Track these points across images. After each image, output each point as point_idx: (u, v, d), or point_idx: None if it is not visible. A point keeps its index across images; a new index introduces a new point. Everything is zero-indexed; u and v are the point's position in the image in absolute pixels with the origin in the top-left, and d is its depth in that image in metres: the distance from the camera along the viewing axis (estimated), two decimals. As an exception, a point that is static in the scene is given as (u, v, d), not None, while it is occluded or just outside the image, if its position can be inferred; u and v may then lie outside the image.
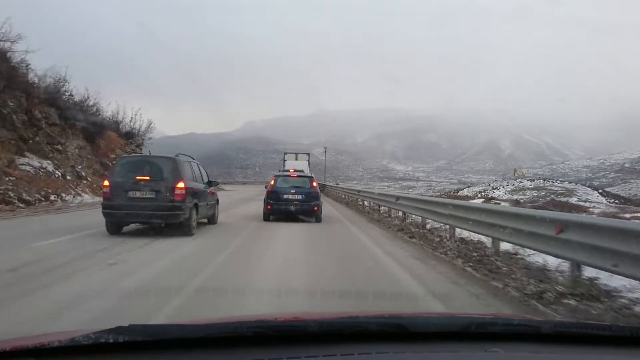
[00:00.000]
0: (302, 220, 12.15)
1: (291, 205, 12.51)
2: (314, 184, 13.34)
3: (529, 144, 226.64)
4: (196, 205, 9.71)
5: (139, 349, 1.28)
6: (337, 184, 48.34)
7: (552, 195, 45.23)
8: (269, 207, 12.57)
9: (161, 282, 5.11)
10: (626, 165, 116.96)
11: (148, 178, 9.14)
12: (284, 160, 37.09)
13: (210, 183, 11.41)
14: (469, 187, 65.56)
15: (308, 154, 38.48)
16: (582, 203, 40.93)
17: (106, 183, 9.39)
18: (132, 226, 9.55)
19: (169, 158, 9.76)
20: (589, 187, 57.50)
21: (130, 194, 9.02)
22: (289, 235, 9.82)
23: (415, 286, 5.19)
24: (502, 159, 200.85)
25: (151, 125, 37.03)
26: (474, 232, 7.76)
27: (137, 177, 9.15)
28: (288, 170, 15.44)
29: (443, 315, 2.14)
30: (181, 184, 9.17)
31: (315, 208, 12.58)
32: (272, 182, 13.14)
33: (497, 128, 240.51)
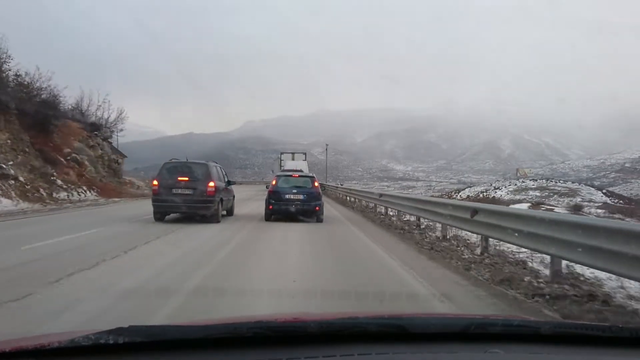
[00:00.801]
0: (303, 220, 12.19)
1: (293, 205, 12.53)
2: (316, 184, 13.31)
3: (528, 144, 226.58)
4: (221, 200, 12.29)
5: (139, 349, 1.28)
6: (341, 185, 41.81)
7: (555, 196, 44.63)
8: (270, 207, 12.61)
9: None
10: (627, 165, 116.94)
11: (187, 179, 11.72)
12: (281, 160, 36.74)
13: (229, 182, 13.92)
14: (470, 187, 65.00)
15: (305, 154, 38.29)
16: (586, 203, 39.92)
17: (155, 182, 11.90)
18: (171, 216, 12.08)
19: (202, 163, 12.50)
20: (592, 187, 56.94)
21: (174, 190, 11.55)
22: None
23: None
24: (502, 158, 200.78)
25: (122, 114, 31.55)
26: None
27: (179, 178, 11.68)
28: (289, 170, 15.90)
29: (443, 316, 2.14)
30: (212, 183, 11.76)
31: (317, 208, 12.60)
32: (274, 182, 13.17)
33: (497, 128, 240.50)
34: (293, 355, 1.28)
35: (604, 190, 53.90)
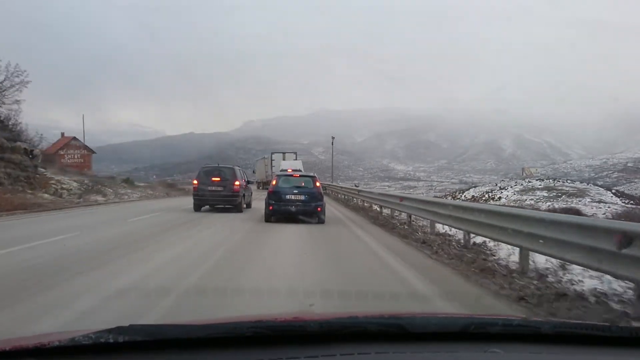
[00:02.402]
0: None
1: (293, 206, 12.33)
2: (317, 183, 13.02)
3: (530, 144, 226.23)
4: (244, 195, 16.05)
5: (139, 349, 1.28)
6: (357, 185, 32.57)
7: (563, 196, 43.61)
8: (270, 207, 12.39)
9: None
10: (629, 164, 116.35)
11: (219, 179, 15.42)
12: (272, 160, 36.47)
13: (248, 182, 17.69)
14: (474, 187, 63.91)
15: (295, 153, 38.23)
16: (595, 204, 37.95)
17: (195, 182, 15.62)
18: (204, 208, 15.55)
19: (229, 167, 16.72)
20: (600, 186, 55.92)
21: (209, 188, 15.22)
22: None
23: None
24: (503, 158, 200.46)
25: (19, 76, 20.00)
26: None
27: (212, 178, 15.38)
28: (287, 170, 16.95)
29: (442, 316, 2.14)
30: (237, 182, 15.51)
31: (319, 209, 12.33)
32: (274, 182, 12.97)
33: (498, 127, 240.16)
34: (293, 355, 1.28)
35: (613, 190, 52.96)
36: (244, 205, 16.10)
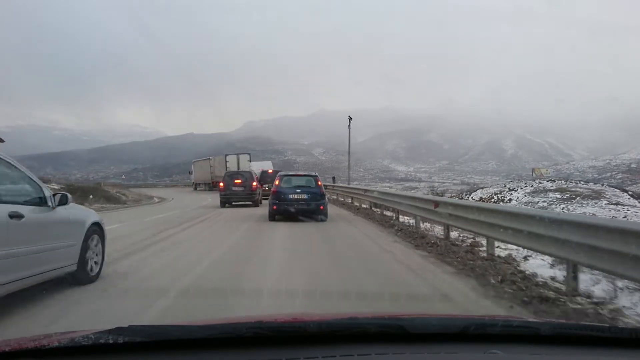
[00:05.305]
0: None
1: (296, 205, 12.64)
2: (319, 183, 13.40)
3: (531, 144, 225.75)
4: (259, 193, 20.31)
5: (139, 349, 1.28)
6: (439, 195, 21.48)
7: (578, 198, 42.56)
8: (274, 207, 12.73)
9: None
10: (633, 165, 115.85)
11: (240, 181, 19.45)
12: (226, 161, 36.92)
13: (261, 182, 22.33)
14: (481, 188, 62.38)
15: (249, 154, 39.46)
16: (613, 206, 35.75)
17: (221, 184, 19.48)
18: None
19: (248, 171, 21.93)
20: (616, 188, 54.95)
21: (233, 188, 19.17)
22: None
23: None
24: (505, 159, 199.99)
25: None
26: None
27: (235, 181, 19.44)
28: (268, 171, 20.65)
29: (442, 317, 2.14)
30: (255, 183, 19.78)
31: (322, 207, 12.72)
32: (277, 182, 13.20)
33: (499, 128, 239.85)
34: (293, 356, 1.28)
35: (629, 192, 52.10)
36: (259, 201, 20.09)
